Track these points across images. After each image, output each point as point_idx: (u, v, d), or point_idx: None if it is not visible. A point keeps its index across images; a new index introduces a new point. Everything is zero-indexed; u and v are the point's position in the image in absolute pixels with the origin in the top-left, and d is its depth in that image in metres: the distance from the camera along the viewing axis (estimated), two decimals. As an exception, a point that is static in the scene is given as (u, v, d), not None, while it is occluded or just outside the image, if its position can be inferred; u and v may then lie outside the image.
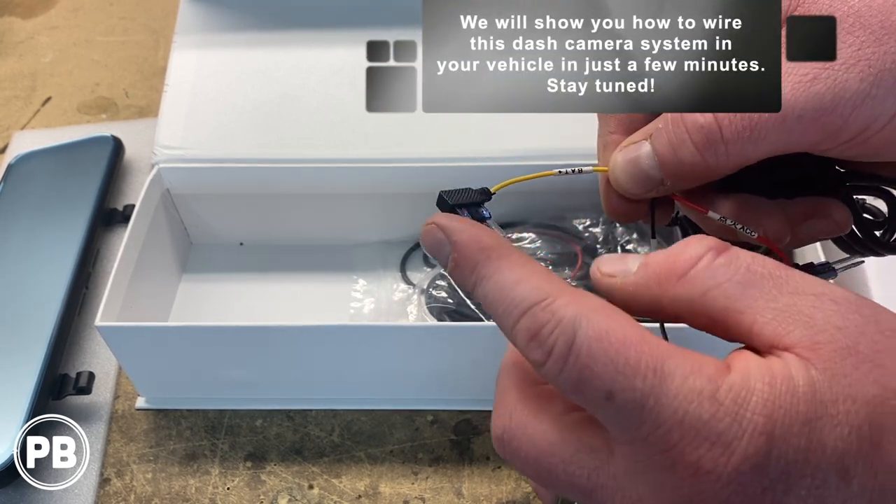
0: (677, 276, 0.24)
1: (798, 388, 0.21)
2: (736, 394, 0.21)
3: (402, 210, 0.53)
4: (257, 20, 0.57)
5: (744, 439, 0.21)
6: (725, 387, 0.21)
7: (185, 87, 0.55)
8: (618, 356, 0.22)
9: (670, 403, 0.21)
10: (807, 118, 0.26)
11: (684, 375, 0.22)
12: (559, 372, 0.23)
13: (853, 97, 0.26)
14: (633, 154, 0.29)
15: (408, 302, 0.52)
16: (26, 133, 0.66)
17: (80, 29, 0.76)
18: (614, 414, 0.22)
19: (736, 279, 0.23)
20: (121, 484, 0.45)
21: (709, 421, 0.21)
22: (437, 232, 0.27)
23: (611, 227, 0.52)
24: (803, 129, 0.26)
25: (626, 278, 0.25)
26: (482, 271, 0.25)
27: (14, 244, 0.53)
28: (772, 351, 0.22)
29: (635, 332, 0.22)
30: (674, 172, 0.29)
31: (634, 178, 0.30)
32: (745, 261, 0.23)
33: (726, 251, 0.24)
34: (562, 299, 0.23)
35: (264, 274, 0.55)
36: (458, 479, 0.44)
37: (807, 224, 0.31)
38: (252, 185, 0.52)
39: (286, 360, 0.45)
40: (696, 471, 0.21)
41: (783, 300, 0.23)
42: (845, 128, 0.26)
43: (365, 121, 0.52)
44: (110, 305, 0.44)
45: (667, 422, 0.21)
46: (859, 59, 0.26)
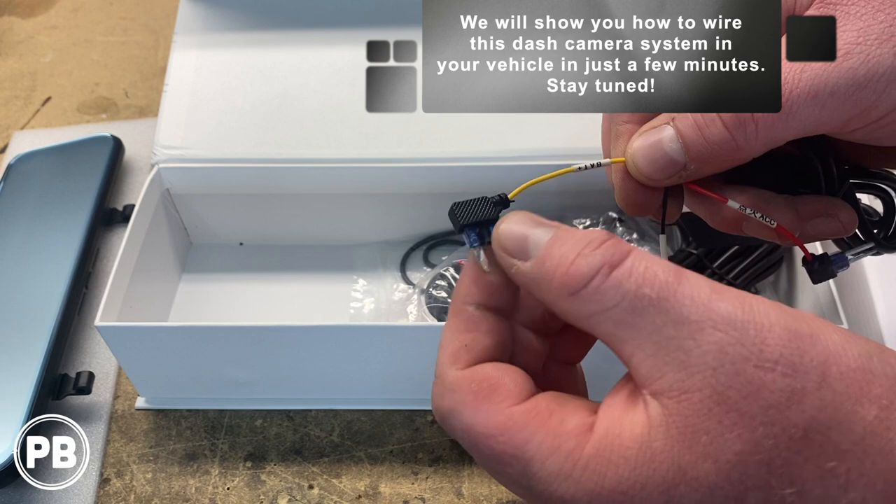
0: (569, 293, 0.23)
1: (656, 455, 0.21)
2: (592, 471, 0.21)
3: (402, 210, 0.53)
4: (257, 20, 0.57)
5: None
6: (582, 464, 0.22)
7: (185, 87, 0.55)
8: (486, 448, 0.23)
9: (536, 485, 0.22)
10: (840, 94, 0.26)
11: (543, 459, 0.22)
12: None
13: (887, 72, 0.25)
14: (655, 137, 0.29)
15: (408, 302, 0.52)
16: (26, 133, 0.66)
17: (80, 29, 0.76)
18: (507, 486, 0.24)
19: (623, 305, 0.22)
20: (121, 484, 0.45)
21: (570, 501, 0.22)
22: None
23: (611, 227, 0.52)
24: (836, 105, 0.26)
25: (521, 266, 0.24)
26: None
27: (14, 244, 0.53)
28: (642, 392, 0.22)
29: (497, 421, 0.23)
30: (699, 154, 0.28)
31: (656, 162, 0.29)
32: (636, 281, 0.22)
33: (619, 267, 0.22)
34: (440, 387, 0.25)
35: (264, 274, 0.55)
36: (458, 479, 0.44)
37: (813, 222, 0.31)
38: (252, 185, 0.52)
39: (286, 360, 0.45)
40: None
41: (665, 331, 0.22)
42: (878, 104, 0.26)
43: (365, 121, 0.52)
44: (110, 305, 0.44)
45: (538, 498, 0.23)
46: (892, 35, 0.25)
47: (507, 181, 0.30)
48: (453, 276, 0.51)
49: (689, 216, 0.49)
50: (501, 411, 0.23)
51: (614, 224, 0.52)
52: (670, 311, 0.22)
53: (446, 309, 0.49)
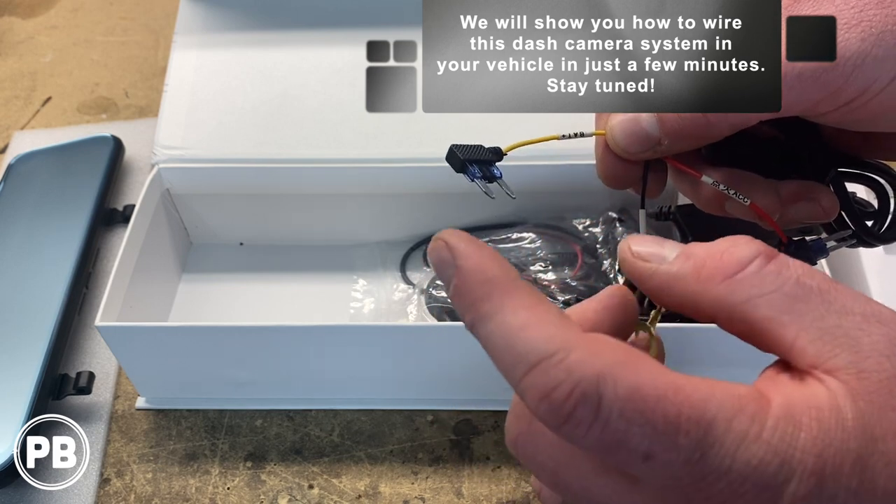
0: (723, 277, 0.23)
1: (848, 423, 0.20)
2: (783, 431, 0.20)
3: (402, 210, 0.53)
4: (257, 20, 0.57)
5: (793, 482, 0.20)
6: (771, 423, 0.20)
7: (185, 87, 0.55)
8: (655, 415, 0.20)
9: (717, 453, 0.20)
10: (807, 76, 0.26)
11: (728, 419, 0.20)
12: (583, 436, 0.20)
13: (854, 56, 0.26)
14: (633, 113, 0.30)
15: (408, 302, 0.52)
16: (26, 133, 0.66)
17: (80, 29, 0.76)
18: (650, 470, 0.20)
19: (784, 290, 0.22)
20: (121, 484, 0.45)
21: (757, 466, 0.20)
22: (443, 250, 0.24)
23: (611, 227, 0.52)
24: (803, 87, 0.26)
25: (662, 266, 0.24)
26: (483, 308, 0.22)
27: (14, 244, 0.53)
28: (812, 372, 0.21)
29: (667, 381, 0.20)
30: (672, 129, 0.29)
31: (633, 136, 0.30)
32: (795, 271, 0.22)
33: (776, 258, 0.23)
34: (577, 352, 0.20)
35: (264, 274, 0.55)
36: (458, 479, 0.44)
37: (796, 206, 0.31)
38: (252, 185, 0.52)
39: (286, 360, 0.45)
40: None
41: (830, 319, 0.22)
42: (845, 88, 0.26)
43: (365, 121, 0.52)
44: (110, 305, 0.44)
45: (713, 473, 0.20)
46: (861, 21, 0.26)
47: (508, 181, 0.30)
48: (453, 276, 0.51)
49: (687, 211, 0.49)
50: (664, 371, 0.21)
51: (614, 224, 0.52)
52: (834, 301, 0.22)
53: (446, 309, 0.49)
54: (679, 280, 0.24)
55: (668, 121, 0.29)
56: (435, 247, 0.24)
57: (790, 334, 0.22)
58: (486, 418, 0.47)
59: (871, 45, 0.26)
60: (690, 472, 0.20)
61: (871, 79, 0.26)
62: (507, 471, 0.44)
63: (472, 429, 0.46)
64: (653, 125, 0.29)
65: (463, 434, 0.46)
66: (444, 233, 0.24)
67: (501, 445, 0.45)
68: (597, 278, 0.50)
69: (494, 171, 0.28)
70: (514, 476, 0.44)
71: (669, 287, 0.24)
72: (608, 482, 0.22)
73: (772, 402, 0.21)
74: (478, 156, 0.28)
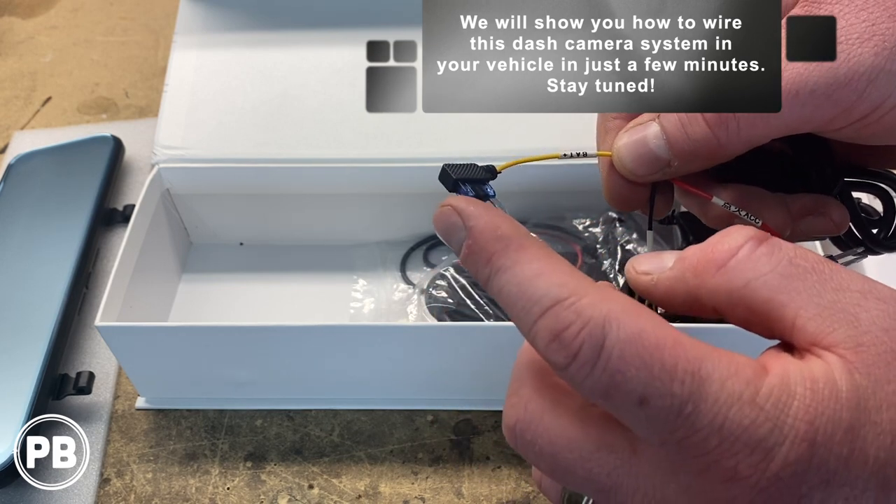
0: (716, 267, 0.23)
1: (842, 394, 0.20)
2: (777, 398, 0.20)
3: (402, 210, 0.53)
4: (257, 20, 0.57)
5: (784, 445, 0.20)
6: (766, 390, 0.20)
7: (185, 87, 0.55)
8: (653, 360, 0.21)
9: (710, 409, 0.20)
10: (820, 93, 0.26)
11: (722, 379, 0.20)
12: (585, 376, 0.21)
13: (867, 71, 0.26)
14: (640, 134, 0.29)
15: (408, 302, 0.52)
16: (26, 133, 0.66)
17: (80, 29, 0.76)
18: (646, 419, 0.21)
19: (779, 270, 0.22)
20: (121, 484, 0.45)
21: (749, 427, 0.20)
22: (452, 215, 0.25)
23: (611, 227, 0.52)
24: (816, 104, 0.26)
25: (662, 274, 0.25)
26: (498, 262, 0.23)
27: (14, 244, 0.53)
28: (811, 349, 0.21)
29: (669, 333, 0.21)
30: (683, 151, 0.28)
31: (641, 158, 0.29)
32: (787, 252, 0.22)
33: (767, 241, 0.23)
34: (588, 297, 0.22)
35: (264, 274, 0.55)
36: (458, 479, 0.44)
37: (805, 220, 0.31)
38: (252, 185, 0.52)
39: (286, 360, 0.45)
40: (732, 476, 0.20)
41: (827, 296, 0.22)
42: (859, 104, 0.26)
43: (365, 121, 0.52)
44: (110, 305, 0.44)
45: (705, 428, 0.20)
46: (874, 35, 0.26)
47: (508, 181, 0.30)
48: (453, 277, 0.51)
49: (691, 216, 0.49)
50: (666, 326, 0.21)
51: (614, 224, 0.52)
52: (829, 279, 0.22)
53: (446, 309, 0.49)
54: (679, 281, 0.24)
55: (678, 143, 0.28)
56: (442, 213, 0.25)
57: (790, 313, 0.22)
58: (486, 418, 0.47)
59: (885, 60, 0.25)
60: (682, 424, 0.20)
61: (885, 94, 0.26)
62: (507, 471, 0.44)
63: (472, 429, 0.46)
64: (661, 147, 0.29)
65: (463, 434, 0.46)
66: (450, 199, 0.25)
67: (501, 445, 0.45)
68: (597, 278, 0.50)
69: (487, 191, 0.28)
70: (514, 476, 0.44)
71: (672, 290, 0.24)
72: (609, 457, 0.22)
73: (769, 372, 0.21)
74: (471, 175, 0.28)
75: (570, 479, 0.23)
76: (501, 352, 0.43)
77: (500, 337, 0.42)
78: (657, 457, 0.22)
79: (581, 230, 0.52)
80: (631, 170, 0.30)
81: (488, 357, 0.43)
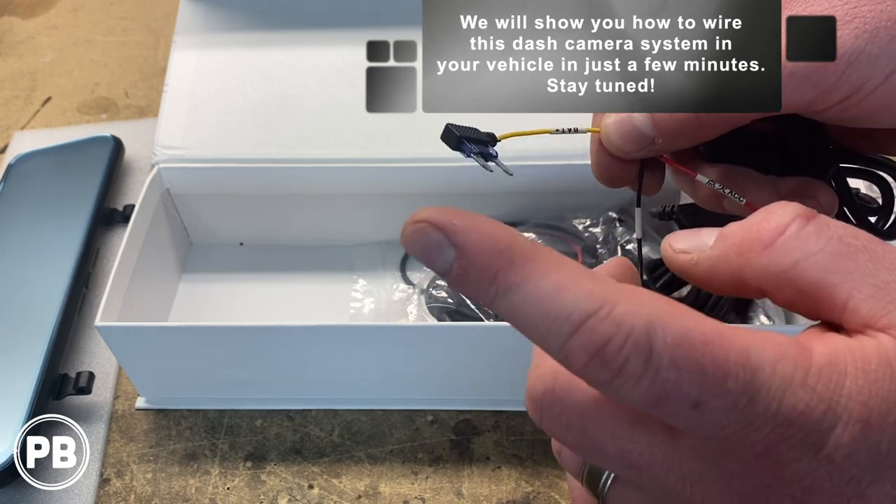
0: (763, 246, 0.22)
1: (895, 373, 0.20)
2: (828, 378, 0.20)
3: (402, 210, 0.53)
4: (257, 20, 0.57)
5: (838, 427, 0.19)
6: (815, 371, 0.20)
7: (185, 87, 0.55)
8: (705, 360, 0.19)
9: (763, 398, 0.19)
10: (799, 74, 0.26)
11: (772, 363, 0.20)
12: (632, 388, 0.20)
13: (847, 53, 0.26)
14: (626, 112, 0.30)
15: (408, 302, 0.52)
16: (26, 133, 0.66)
17: (80, 29, 0.76)
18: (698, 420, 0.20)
19: (829, 249, 0.21)
20: (121, 484, 0.45)
21: (803, 411, 0.19)
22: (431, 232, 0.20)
23: (611, 227, 0.52)
24: (795, 85, 0.26)
25: (703, 253, 0.24)
26: (507, 280, 0.20)
27: (14, 244, 0.53)
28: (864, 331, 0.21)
29: (712, 326, 0.20)
30: (666, 128, 0.29)
31: (626, 135, 0.30)
32: (837, 230, 0.22)
33: (815, 218, 0.22)
34: (622, 305, 0.20)
35: (264, 274, 0.55)
36: (458, 479, 0.44)
37: None
38: (252, 185, 0.52)
39: (286, 360, 0.45)
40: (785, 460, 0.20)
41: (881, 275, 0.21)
42: (838, 86, 0.26)
43: (365, 121, 0.52)
44: (110, 305, 0.44)
45: (759, 418, 0.20)
46: (854, 17, 0.26)
47: (508, 181, 0.30)
48: (453, 276, 0.51)
49: (690, 211, 0.49)
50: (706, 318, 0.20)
51: (614, 224, 0.52)
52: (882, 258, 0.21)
53: (446, 309, 0.49)
54: (722, 261, 0.23)
55: (661, 120, 0.29)
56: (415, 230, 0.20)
57: (842, 294, 0.21)
58: (486, 418, 0.47)
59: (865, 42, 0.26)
60: (737, 418, 0.20)
61: (866, 76, 0.26)
62: (507, 471, 0.44)
63: (472, 429, 0.46)
64: (646, 124, 0.29)
65: (463, 434, 0.46)
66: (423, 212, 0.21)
67: (501, 445, 0.45)
68: (597, 278, 0.50)
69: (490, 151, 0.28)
70: (514, 476, 0.44)
71: (715, 271, 0.24)
72: (645, 437, 0.21)
73: (813, 351, 0.20)
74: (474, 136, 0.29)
75: (599, 454, 0.22)
76: (501, 352, 0.43)
77: (501, 337, 0.42)
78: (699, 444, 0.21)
79: (581, 230, 0.52)
80: (618, 146, 0.30)
81: (488, 357, 0.43)
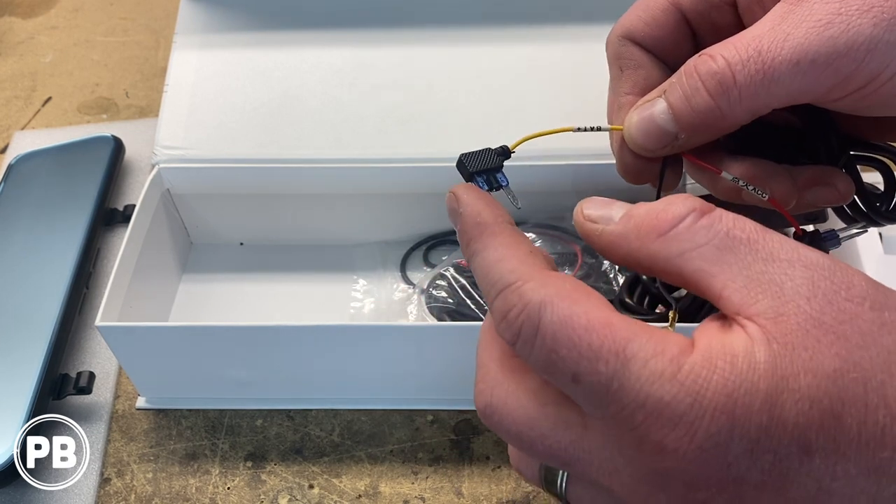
0: (658, 234, 0.24)
1: (759, 365, 0.21)
2: (697, 374, 0.21)
3: (402, 210, 0.53)
4: (257, 20, 0.57)
5: (705, 419, 0.21)
6: (687, 367, 0.22)
7: (185, 87, 0.55)
8: (580, 341, 0.22)
9: (632, 386, 0.22)
10: (820, 62, 0.26)
11: (645, 358, 0.22)
12: (528, 353, 0.24)
13: (866, 42, 0.26)
14: (648, 111, 0.30)
15: (408, 302, 0.52)
16: (26, 133, 0.66)
17: (80, 29, 0.76)
18: (582, 394, 0.23)
19: (714, 243, 0.23)
20: (121, 484, 0.45)
21: (670, 403, 0.21)
22: (452, 200, 0.28)
23: (611, 227, 0.52)
24: (816, 73, 0.27)
25: (608, 226, 0.26)
26: (474, 246, 0.27)
27: (14, 244, 0.53)
28: (736, 318, 0.23)
29: (601, 315, 0.23)
30: (688, 123, 0.29)
31: (649, 133, 0.31)
32: (726, 224, 0.23)
33: (710, 213, 0.24)
34: (530, 283, 0.24)
35: (264, 274, 0.55)
36: (458, 478, 0.44)
37: (812, 191, 0.32)
38: (252, 185, 0.52)
39: (286, 360, 0.45)
40: (662, 449, 0.22)
41: (756, 267, 0.23)
42: (857, 73, 0.27)
43: (365, 121, 0.52)
44: (110, 305, 0.44)
45: (630, 404, 0.22)
46: (873, 6, 0.26)
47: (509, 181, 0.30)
48: (453, 276, 0.51)
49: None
50: (602, 309, 0.23)
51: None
52: (760, 250, 0.23)
53: (446, 309, 0.49)
54: (622, 238, 0.25)
55: (683, 115, 0.29)
56: (448, 198, 0.29)
57: (718, 284, 0.23)
58: (486, 418, 0.47)
59: (883, 31, 0.26)
60: (613, 399, 0.22)
61: (883, 64, 0.26)
62: (507, 471, 0.44)
63: (472, 429, 0.46)
64: (668, 121, 0.30)
65: (463, 434, 0.46)
66: (456, 186, 0.29)
67: (501, 445, 0.45)
68: (597, 278, 0.50)
69: (501, 180, 0.30)
70: (513, 476, 0.44)
71: (615, 246, 0.26)
72: (564, 433, 0.24)
73: (696, 348, 0.22)
74: (486, 163, 0.30)
75: (535, 455, 0.25)
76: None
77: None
78: (604, 431, 0.23)
79: (581, 230, 0.52)
80: (641, 145, 0.31)
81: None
